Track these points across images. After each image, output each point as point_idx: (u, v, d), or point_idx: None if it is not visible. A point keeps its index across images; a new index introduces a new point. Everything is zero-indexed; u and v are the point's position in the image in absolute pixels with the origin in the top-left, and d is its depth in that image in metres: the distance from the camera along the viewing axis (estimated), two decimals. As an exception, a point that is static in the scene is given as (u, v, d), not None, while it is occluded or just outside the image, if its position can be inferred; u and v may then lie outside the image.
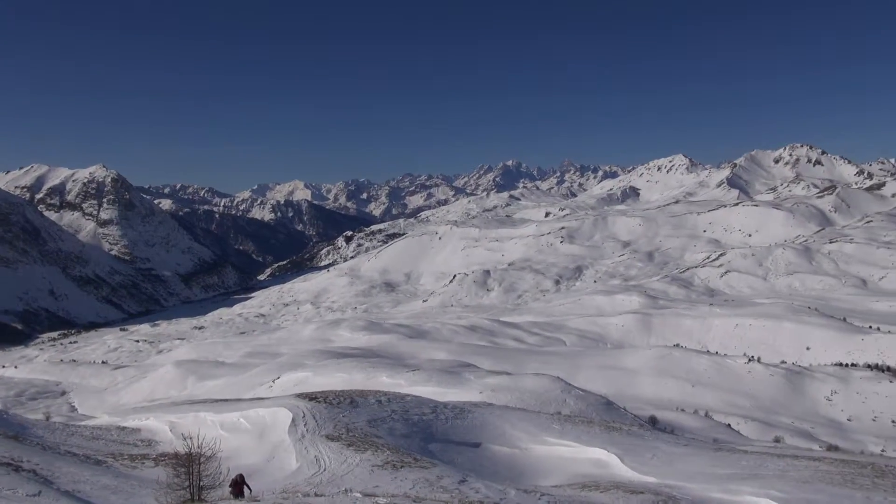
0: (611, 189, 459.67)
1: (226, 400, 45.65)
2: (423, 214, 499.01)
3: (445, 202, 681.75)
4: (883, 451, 77.63)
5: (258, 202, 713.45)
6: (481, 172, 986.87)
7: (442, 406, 34.29)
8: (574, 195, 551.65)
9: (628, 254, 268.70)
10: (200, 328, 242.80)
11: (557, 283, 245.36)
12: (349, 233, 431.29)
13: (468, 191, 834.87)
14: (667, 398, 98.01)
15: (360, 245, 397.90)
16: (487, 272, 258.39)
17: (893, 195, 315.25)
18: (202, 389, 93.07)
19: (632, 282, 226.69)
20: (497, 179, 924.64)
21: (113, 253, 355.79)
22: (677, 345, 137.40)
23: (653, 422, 52.74)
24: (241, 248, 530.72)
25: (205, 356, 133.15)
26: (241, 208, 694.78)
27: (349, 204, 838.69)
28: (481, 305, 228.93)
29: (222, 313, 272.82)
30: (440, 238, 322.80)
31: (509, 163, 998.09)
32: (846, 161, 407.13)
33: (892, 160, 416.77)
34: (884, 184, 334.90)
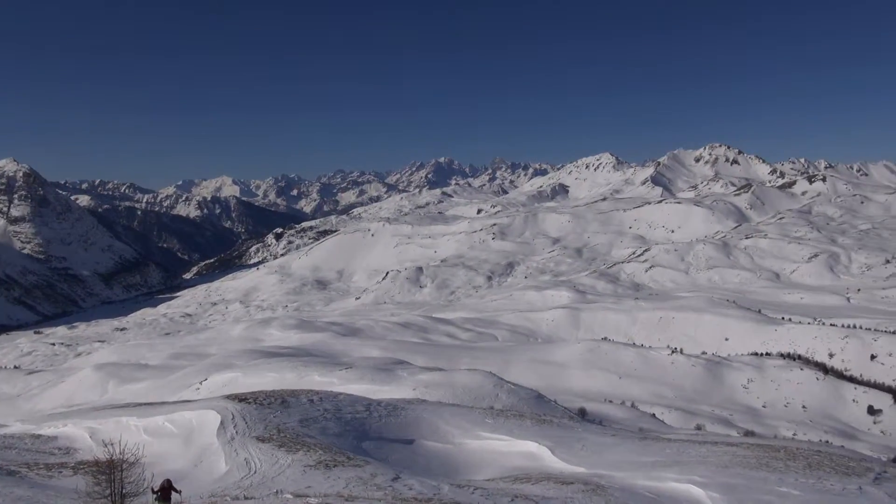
0: (541, 186, 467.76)
1: (150, 403, 44.06)
2: (356, 211, 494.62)
3: (378, 199, 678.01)
4: (794, 434, 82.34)
5: (183, 198, 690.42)
6: (413, 169, 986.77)
7: (375, 404, 34.14)
8: (505, 192, 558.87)
9: (558, 250, 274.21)
10: (122, 329, 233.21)
11: (490, 279, 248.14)
12: (279, 230, 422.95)
13: (400, 188, 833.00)
14: (595, 390, 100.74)
15: (290, 242, 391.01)
16: (420, 269, 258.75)
17: (803, 193, 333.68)
18: (124, 393, 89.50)
19: (561, 277, 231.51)
20: (429, 176, 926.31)
21: (25, 252, 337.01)
22: (605, 338, 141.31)
23: (582, 413, 54.04)
24: (165, 246, 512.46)
25: (127, 359, 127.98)
26: (165, 205, 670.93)
27: (279, 200, 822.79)
28: (414, 302, 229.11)
29: (145, 314, 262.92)
30: (373, 235, 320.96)
31: (441, 160, 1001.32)
32: (761, 160, 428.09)
33: (802, 160, 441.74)
34: (795, 182, 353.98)
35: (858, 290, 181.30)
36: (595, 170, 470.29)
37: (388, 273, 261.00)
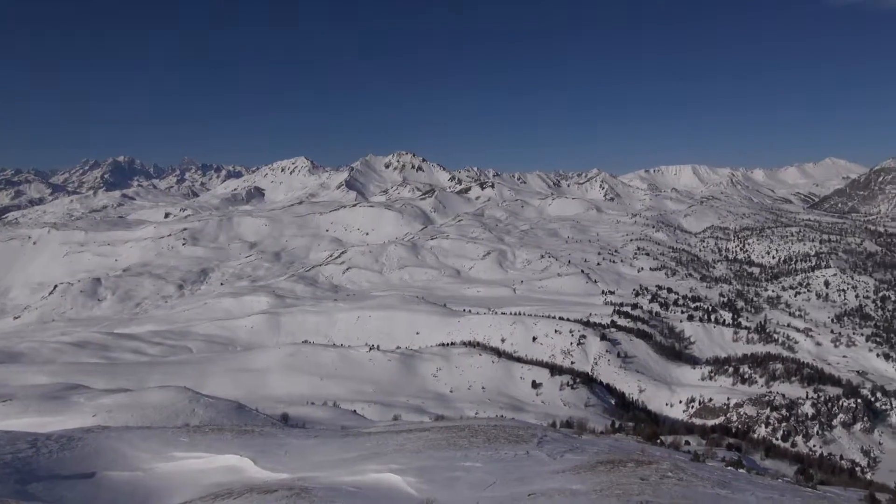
0: (235, 189, 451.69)
1: None
2: (11, 216, 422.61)
3: (41, 201, 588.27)
4: (476, 413, 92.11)
5: None
6: (86, 168, 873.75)
7: (44, 438, 29.58)
8: (196, 195, 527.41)
9: (255, 254, 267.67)
10: None
11: (181, 287, 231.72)
12: None
13: (70, 189, 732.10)
14: (298, 393, 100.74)
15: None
16: (98, 280, 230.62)
17: (477, 198, 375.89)
18: None
19: (260, 282, 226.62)
20: (106, 176, 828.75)
21: None
22: (306, 341, 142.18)
23: (285, 419, 53.62)
24: None
25: None
26: None
27: None
28: (92, 318, 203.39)
29: None
30: (35, 243, 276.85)
31: (120, 159, 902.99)
32: (441, 168, 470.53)
33: (475, 169, 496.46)
34: (470, 188, 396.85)
35: (522, 282, 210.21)
36: (291, 173, 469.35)
37: (56, 286, 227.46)
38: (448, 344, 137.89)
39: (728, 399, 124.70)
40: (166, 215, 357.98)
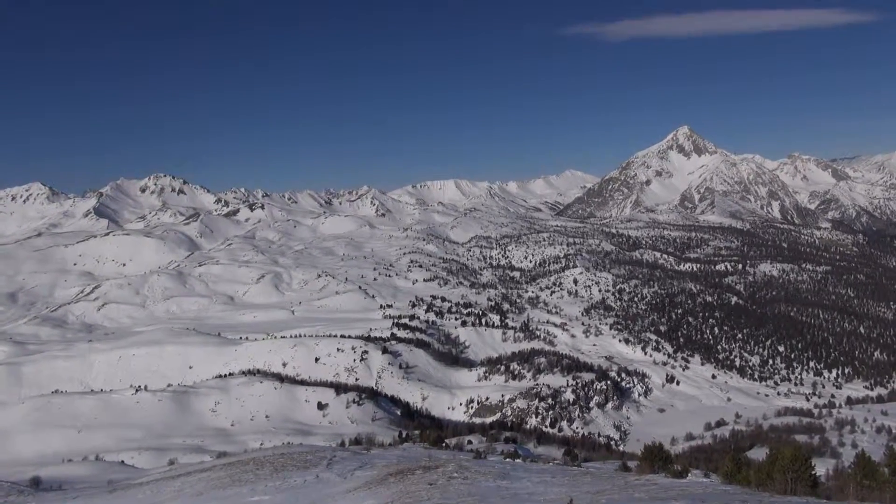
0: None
1: None
2: None
3: None
4: (262, 444, 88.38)
5: None
6: None
7: None
8: None
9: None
10: None
11: None
12: None
13: None
14: (51, 451, 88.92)
15: None
16: None
17: (247, 220, 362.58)
18: None
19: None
20: None
21: None
22: (57, 391, 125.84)
23: (36, 483, 46.80)
24: None
25: None
26: None
27: None
28: None
29: None
30: None
31: None
32: (206, 190, 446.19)
33: (243, 189, 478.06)
34: (238, 210, 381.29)
35: (300, 303, 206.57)
36: (25, 202, 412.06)
37: None
38: (226, 375, 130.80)
39: (503, 396, 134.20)
40: None
